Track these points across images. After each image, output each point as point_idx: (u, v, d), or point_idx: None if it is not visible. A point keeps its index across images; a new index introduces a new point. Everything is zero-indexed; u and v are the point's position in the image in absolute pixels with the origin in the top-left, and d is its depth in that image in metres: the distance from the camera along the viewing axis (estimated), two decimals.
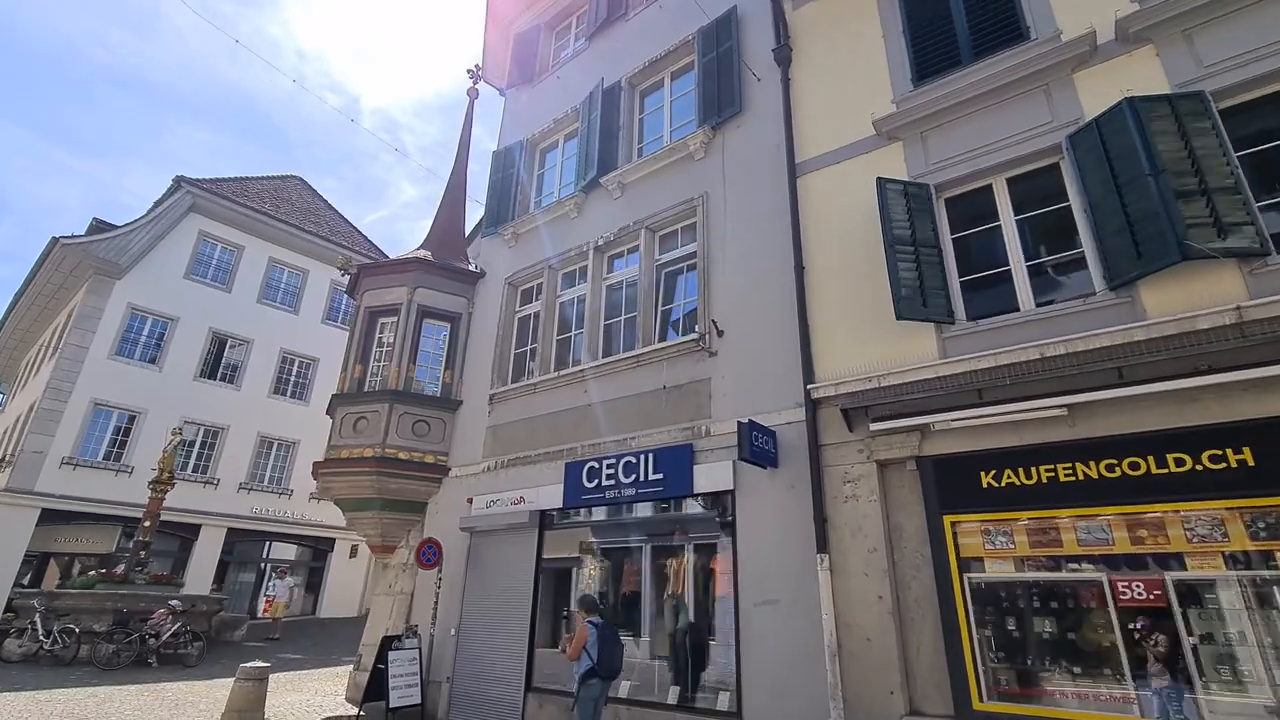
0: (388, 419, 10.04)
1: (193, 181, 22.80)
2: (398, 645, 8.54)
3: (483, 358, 10.63)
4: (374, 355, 10.92)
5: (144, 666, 12.07)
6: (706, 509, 7.33)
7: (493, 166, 12.24)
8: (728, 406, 7.30)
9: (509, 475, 9.25)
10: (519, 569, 8.53)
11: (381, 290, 11.09)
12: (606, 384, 8.63)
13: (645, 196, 9.34)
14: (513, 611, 8.36)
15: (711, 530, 7.27)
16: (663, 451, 7.55)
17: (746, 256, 7.82)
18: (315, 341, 25.46)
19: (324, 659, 13.98)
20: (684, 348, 7.91)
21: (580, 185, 10.26)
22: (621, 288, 9.40)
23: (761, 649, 6.18)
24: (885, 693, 5.39)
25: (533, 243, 10.79)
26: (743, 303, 7.64)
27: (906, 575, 5.72)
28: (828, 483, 6.24)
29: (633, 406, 8.20)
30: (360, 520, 10.24)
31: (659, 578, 7.67)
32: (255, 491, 22.58)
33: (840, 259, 6.93)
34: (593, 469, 8.11)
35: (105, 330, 20.52)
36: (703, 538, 7.37)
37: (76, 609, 12.73)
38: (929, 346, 6.06)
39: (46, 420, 18.98)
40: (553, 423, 9.04)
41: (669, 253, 8.95)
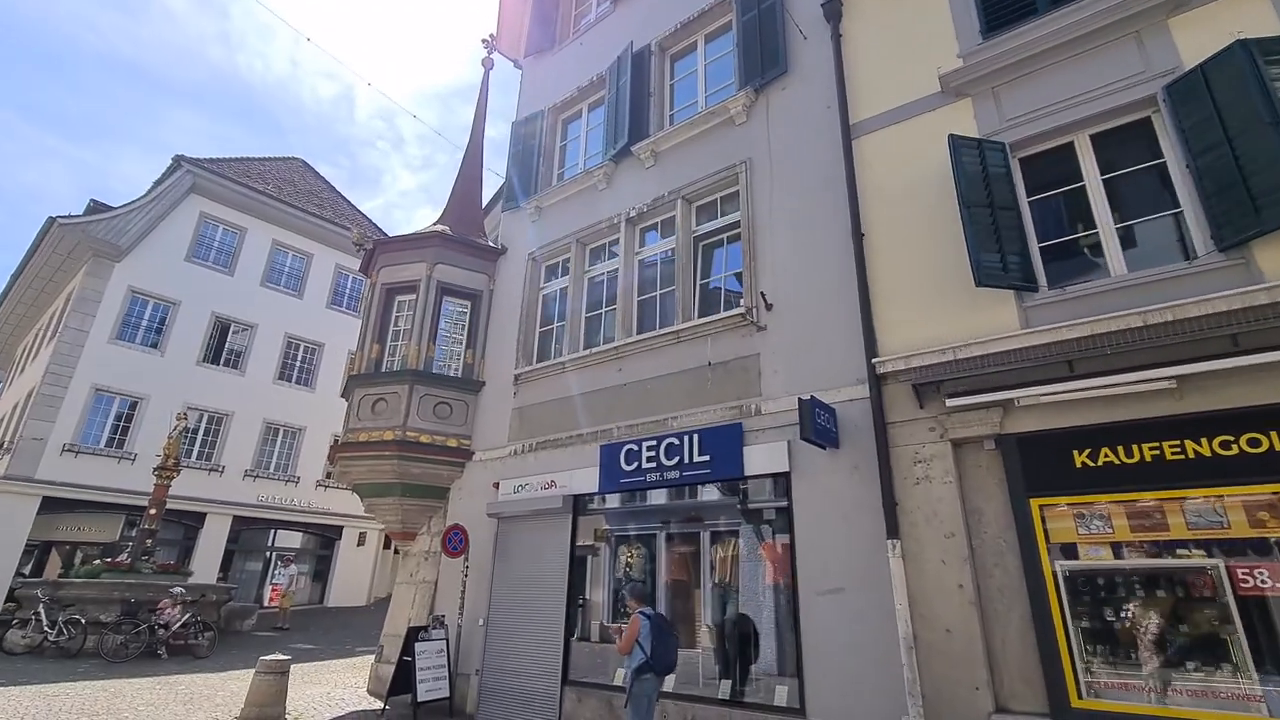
0: (408, 400, 9.58)
1: (193, 161, 22.20)
2: (424, 636, 8.15)
3: (506, 337, 10.16)
4: (391, 335, 10.44)
5: (153, 658, 11.68)
6: (758, 493, 6.89)
7: (513, 138, 11.70)
8: (779, 383, 6.85)
9: (538, 459, 8.81)
10: (551, 556, 8.10)
11: (398, 267, 10.59)
12: (642, 362, 8.17)
13: (681, 165, 8.84)
14: (545, 601, 7.95)
15: (763, 515, 6.84)
16: (709, 432, 7.11)
17: (796, 225, 7.34)
18: (320, 326, 24.97)
19: (338, 649, 13.60)
20: (728, 322, 7.44)
21: (609, 155, 9.75)
22: (656, 262, 8.91)
23: (826, 641, 5.76)
24: (969, 688, 4.98)
25: (558, 216, 10.29)
26: (793, 274, 7.17)
27: (988, 562, 5.29)
28: (896, 464, 5.80)
29: (673, 385, 7.74)
30: (380, 506, 9.81)
31: (703, 565, 7.25)
32: (261, 479, 22.16)
33: (903, 225, 6.46)
34: (631, 451, 7.67)
35: (105, 314, 20.00)
36: (753, 523, 6.93)
37: (82, 599, 12.32)
38: (1008, 316, 5.60)
39: (46, 406, 18.50)
40: (584, 403, 8.58)
41: (707, 224, 8.46)
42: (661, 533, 7.70)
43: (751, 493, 6.95)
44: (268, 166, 26.11)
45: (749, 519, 6.97)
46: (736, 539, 7.00)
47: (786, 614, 6.33)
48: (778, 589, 6.52)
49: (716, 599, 6.96)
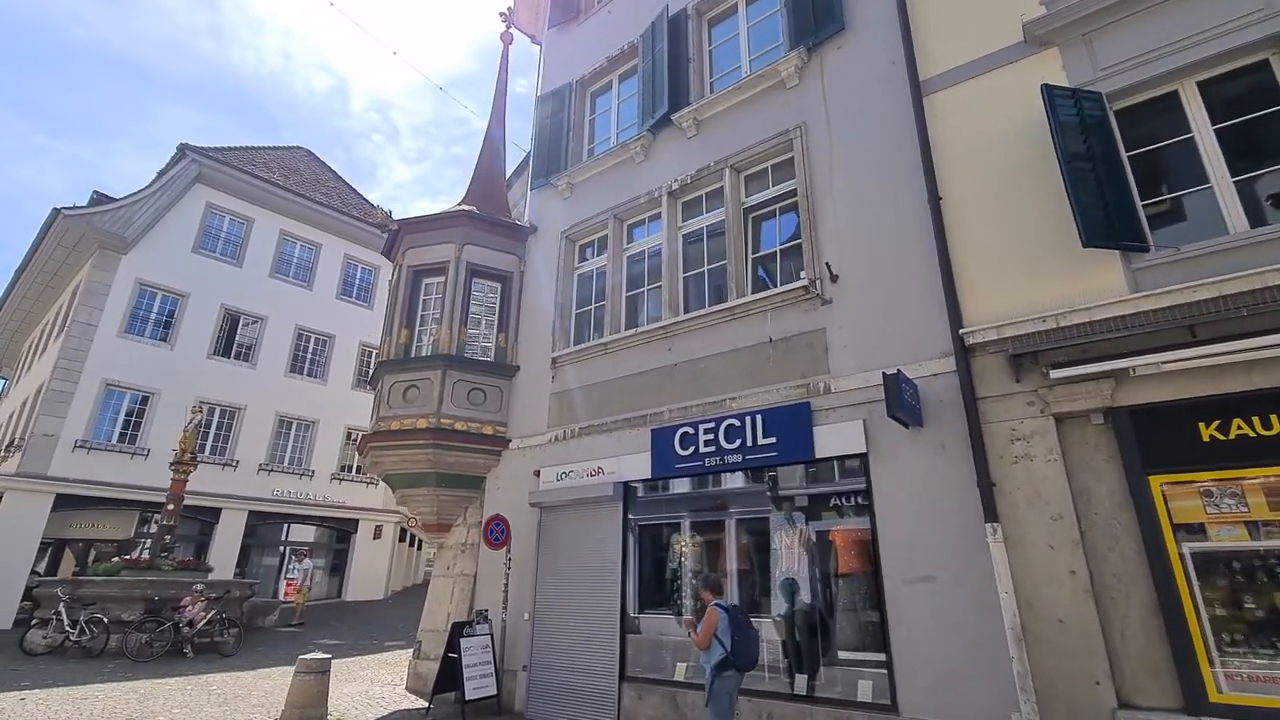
0: (441, 386, 9.16)
1: (198, 150, 21.68)
2: (469, 632, 7.77)
3: (540, 319, 9.72)
4: (420, 319, 10.00)
5: (179, 657, 11.34)
6: (829, 476, 6.48)
7: (538, 113, 11.21)
8: (849, 359, 6.42)
9: (582, 445, 8.40)
10: (602, 546, 7.71)
11: (425, 248, 10.13)
12: (693, 341, 7.74)
13: (727, 133, 8.36)
14: (597, 593, 7.56)
15: (836, 499, 6.43)
16: (773, 412, 6.69)
17: (861, 191, 6.88)
18: (330, 317, 24.53)
19: (364, 644, 13.27)
20: (789, 297, 7.00)
21: (646, 126, 9.27)
22: (702, 235, 8.45)
23: (917, 632, 5.36)
24: (1087, 683, 4.58)
25: (592, 192, 9.82)
26: (860, 243, 6.72)
27: (1100, 546, 4.87)
28: (990, 442, 5.37)
29: (728, 364, 7.31)
30: (413, 497, 9.41)
31: (767, 553, 6.84)
32: (276, 473, 21.80)
33: (986, 186, 6.00)
34: (687, 435, 7.25)
35: (113, 307, 19.56)
36: (823, 508, 6.53)
37: (103, 597, 11.96)
38: (1112, 279, 5.16)
39: (56, 402, 18.11)
40: (630, 386, 8.16)
41: (758, 194, 8.00)
42: (720, 520, 7.30)
43: (822, 476, 6.54)
44: (273, 155, 25.59)
45: (819, 504, 6.56)
46: (805, 525, 6.60)
47: (865, 604, 5.95)
48: (853, 578, 6.13)
49: (783, 588, 6.56)
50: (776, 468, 6.71)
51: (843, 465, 6.36)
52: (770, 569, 6.71)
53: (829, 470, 6.49)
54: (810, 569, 6.44)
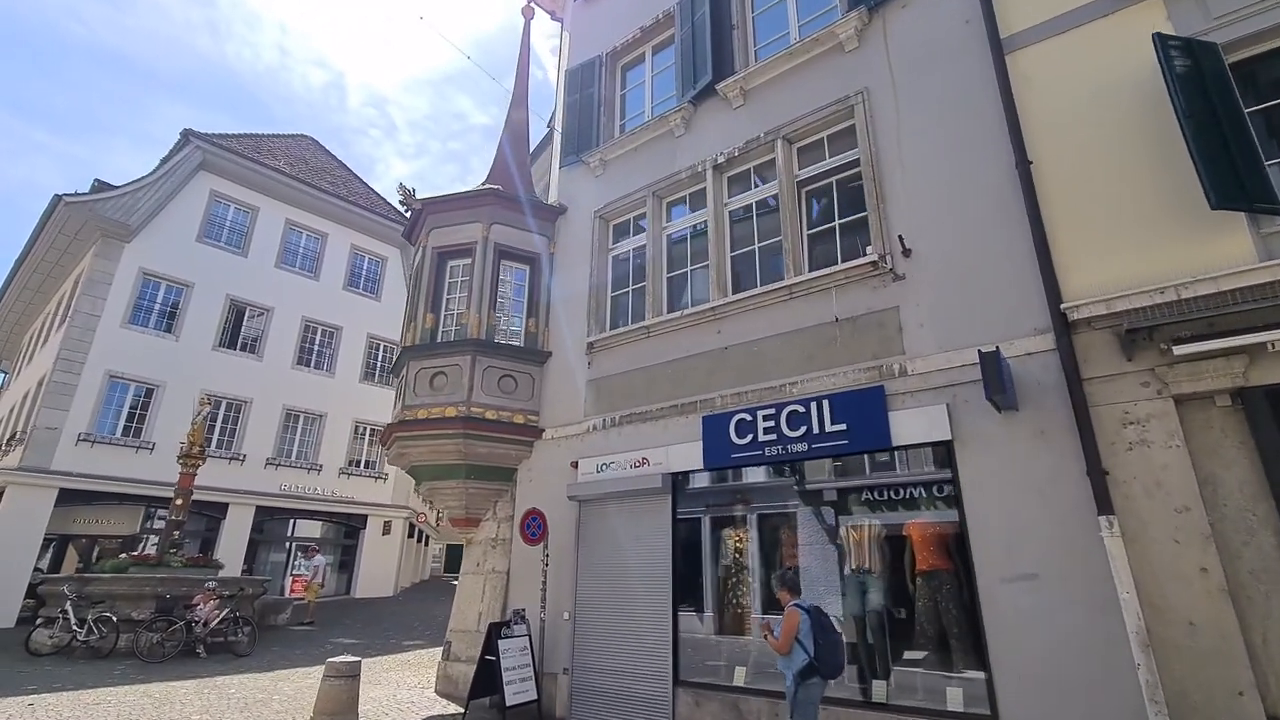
0: (471, 373, 8.66)
1: (202, 136, 21.13)
2: (507, 633, 7.29)
3: (572, 303, 9.22)
4: (444, 303, 9.50)
5: (191, 657, 10.87)
6: (906, 465, 5.99)
7: (567, 87, 10.68)
8: (928, 339, 5.92)
9: (623, 434, 7.91)
10: (650, 542, 7.23)
11: (451, 229, 9.62)
12: (746, 323, 7.24)
13: (778, 102, 7.84)
14: (645, 591, 7.08)
15: (910, 490, 5.95)
16: (842, 397, 6.19)
17: (934, 159, 6.38)
18: (338, 309, 24.01)
19: (381, 644, 12.80)
20: (855, 273, 6.50)
21: (687, 97, 8.74)
22: (751, 211, 7.95)
23: (1019, 636, 4.88)
24: (1228, 693, 4.11)
25: (627, 169, 9.30)
26: (935, 214, 6.21)
27: (1234, 542, 4.39)
28: (1100, 427, 4.88)
29: (787, 346, 6.82)
30: (441, 491, 8.92)
31: (832, 548, 6.36)
32: (283, 467, 21.31)
33: (1083, 147, 5.49)
34: (743, 422, 6.75)
35: (117, 297, 19.02)
36: (897, 499, 6.04)
37: (111, 595, 11.48)
38: (1239, 246, 4.66)
39: (59, 394, 17.59)
40: (677, 371, 7.67)
41: (813, 166, 7.48)
42: (779, 512, 6.82)
43: (895, 464, 6.06)
44: (277, 143, 25.00)
45: (892, 495, 6.07)
46: (875, 518, 6.11)
47: (949, 603, 5.47)
48: (934, 575, 5.65)
49: (854, 587, 6.08)
50: (846, 457, 6.22)
51: (921, 454, 5.87)
52: (836, 565, 6.23)
53: (903, 459, 6.00)
54: (882, 565, 5.96)
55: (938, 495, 5.74)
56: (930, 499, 5.82)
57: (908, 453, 5.96)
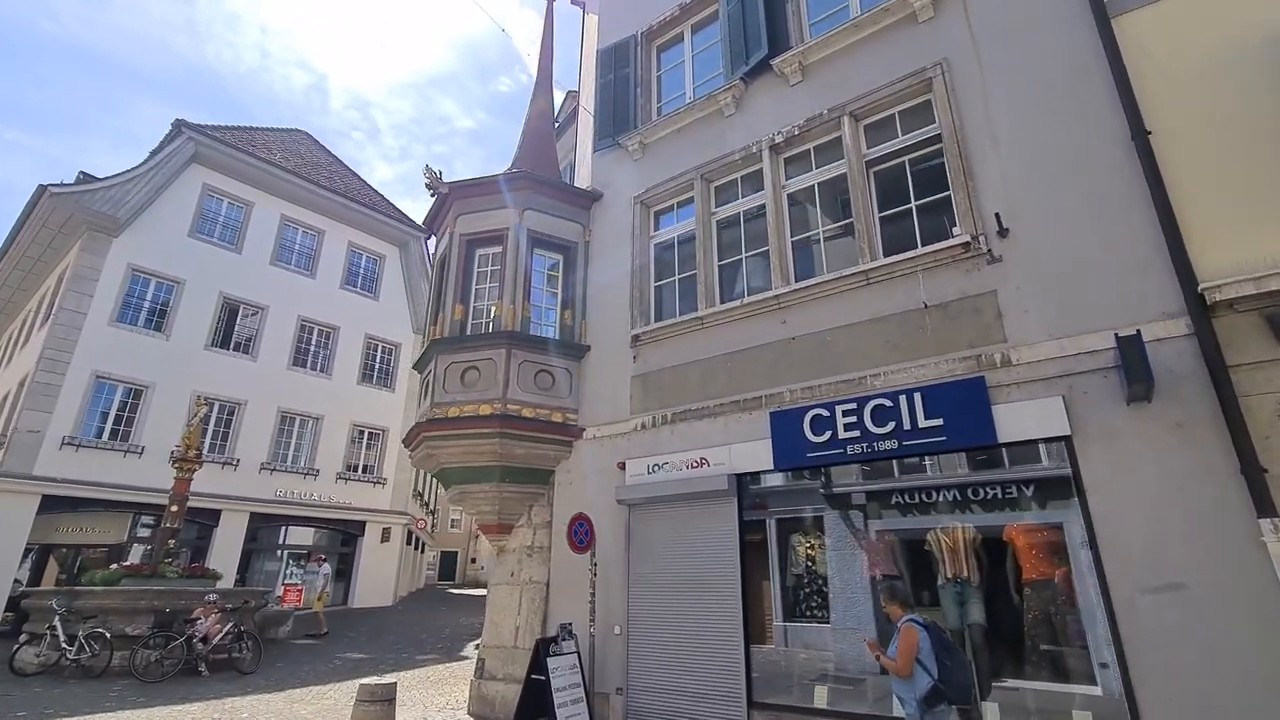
0: (506, 368, 8.04)
1: (194, 127, 20.31)
2: (555, 650, 6.66)
3: (612, 293, 8.64)
4: (473, 293, 8.87)
5: (192, 676, 10.08)
6: (1016, 462, 5.47)
7: (601, 68, 10.11)
8: (1034, 325, 5.42)
9: (677, 433, 7.33)
10: (713, 549, 6.64)
11: (480, 214, 9.00)
12: (815, 312, 6.71)
13: (842, 77, 7.34)
14: (710, 603, 6.49)
15: (1016, 490, 5.44)
16: (936, 390, 5.67)
17: (1030, 132, 5.89)
18: (334, 308, 23.20)
19: (393, 659, 12.08)
20: (943, 256, 6.00)
21: (738, 74, 8.22)
22: (812, 193, 7.43)
23: (1164, 654, 4.36)
24: None
25: (670, 152, 8.75)
26: (1034, 191, 5.73)
27: None
28: (1251, 419, 4.39)
29: (865, 336, 6.29)
30: (473, 495, 8.28)
31: (920, 555, 5.83)
32: (279, 472, 20.46)
33: (1210, 113, 5.04)
34: (820, 418, 6.21)
35: (104, 294, 18.12)
36: (1005, 501, 5.52)
37: (104, 609, 10.65)
38: None
39: (42, 395, 16.67)
40: (736, 364, 7.11)
41: (885, 144, 6.97)
42: (857, 515, 6.27)
43: (995, 462, 5.54)
44: (272, 137, 24.18)
45: (992, 496, 5.55)
46: (973, 522, 5.58)
47: (1065, 616, 4.96)
48: (1045, 585, 5.14)
49: (950, 599, 5.54)
50: (942, 454, 5.69)
51: (1026, 451, 5.36)
52: (926, 574, 5.70)
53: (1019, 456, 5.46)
54: (980, 575, 5.44)
55: (1049, 496, 5.23)
56: (1038, 500, 5.31)
57: (1009, 450, 5.44)
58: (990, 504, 5.57)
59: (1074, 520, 4.99)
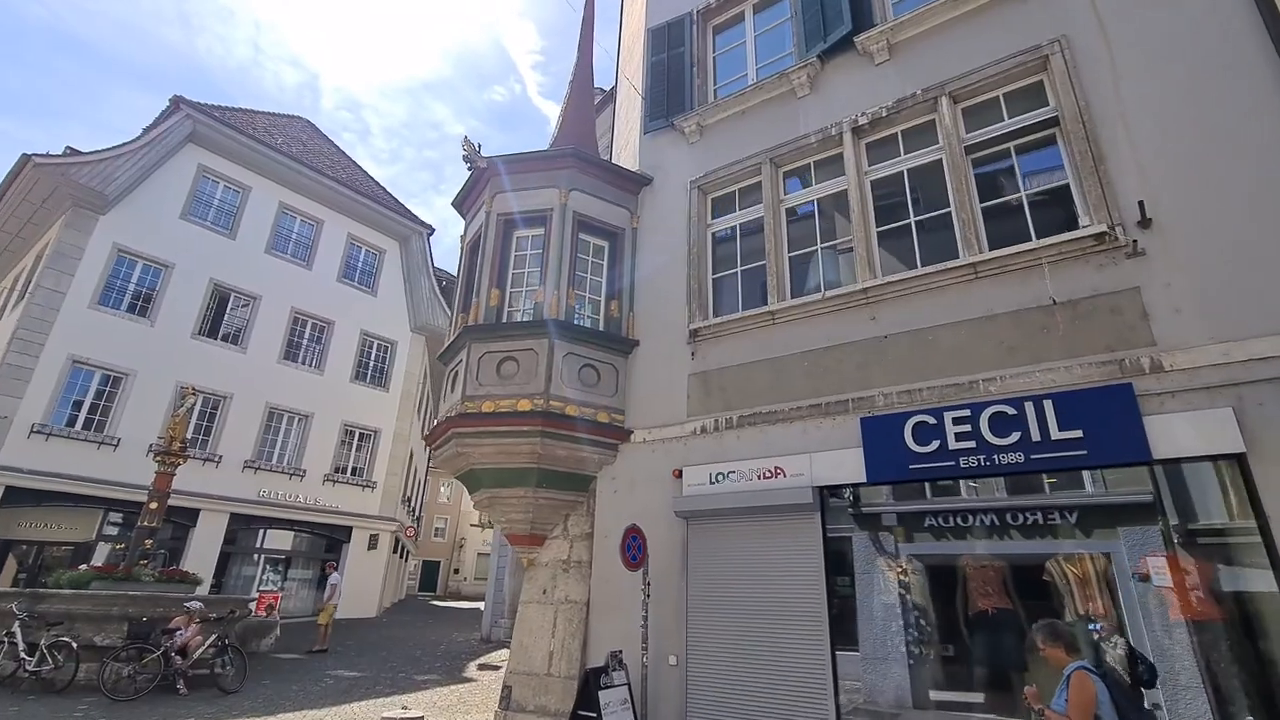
0: (549, 360, 7.23)
1: (193, 104, 19.34)
2: (606, 681, 5.81)
3: (664, 284, 7.89)
4: (510, 279, 8.07)
5: (169, 693, 9.01)
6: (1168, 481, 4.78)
7: (652, 47, 9.43)
8: (1190, 326, 4.75)
9: (745, 438, 6.55)
10: (791, 571, 5.84)
11: (521, 193, 8.22)
12: (910, 307, 6.01)
13: (937, 55, 6.72)
14: (788, 631, 5.67)
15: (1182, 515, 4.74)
16: (1072, 397, 4.96)
17: (1172, 111, 5.27)
18: (330, 302, 22.21)
19: (390, 678, 11.03)
20: (1072, 248, 5.33)
21: (813, 52, 7.57)
22: (901, 181, 6.75)
23: None
24: None
25: (733, 135, 8.06)
26: (1181, 175, 5.09)
27: None
28: None
29: (976, 335, 5.59)
30: (504, 501, 7.41)
31: (1039, 587, 5.11)
32: (263, 471, 19.31)
33: None
34: (925, 426, 5.47)
35: (86, 274, 17.02)
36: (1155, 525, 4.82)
37: (71, 615, 9.55)
38: None
39: (12, 379, 15.50)
40: (815, 364, 6.37)
41: (988, 129, 6.33)
42: (960, 538, 5.54)
43: (1129, 480, 4.85)
44: (272, 121, 23.26)
45: (1138, 519, 4.85)
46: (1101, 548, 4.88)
47: (1237, 663, 4.23)
48: (1209, 628, 4.42)
49: (1081, 639, 4.79)
50: (1081, 471, 4.98)
51: (1200, 469, 4.67)
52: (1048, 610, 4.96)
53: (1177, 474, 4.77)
54: (1128, 613, 4.72)
55: (1215, 524, 4.53)
56: (1193, 526, 4.62)
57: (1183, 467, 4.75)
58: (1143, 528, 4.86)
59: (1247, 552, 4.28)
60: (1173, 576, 4.69)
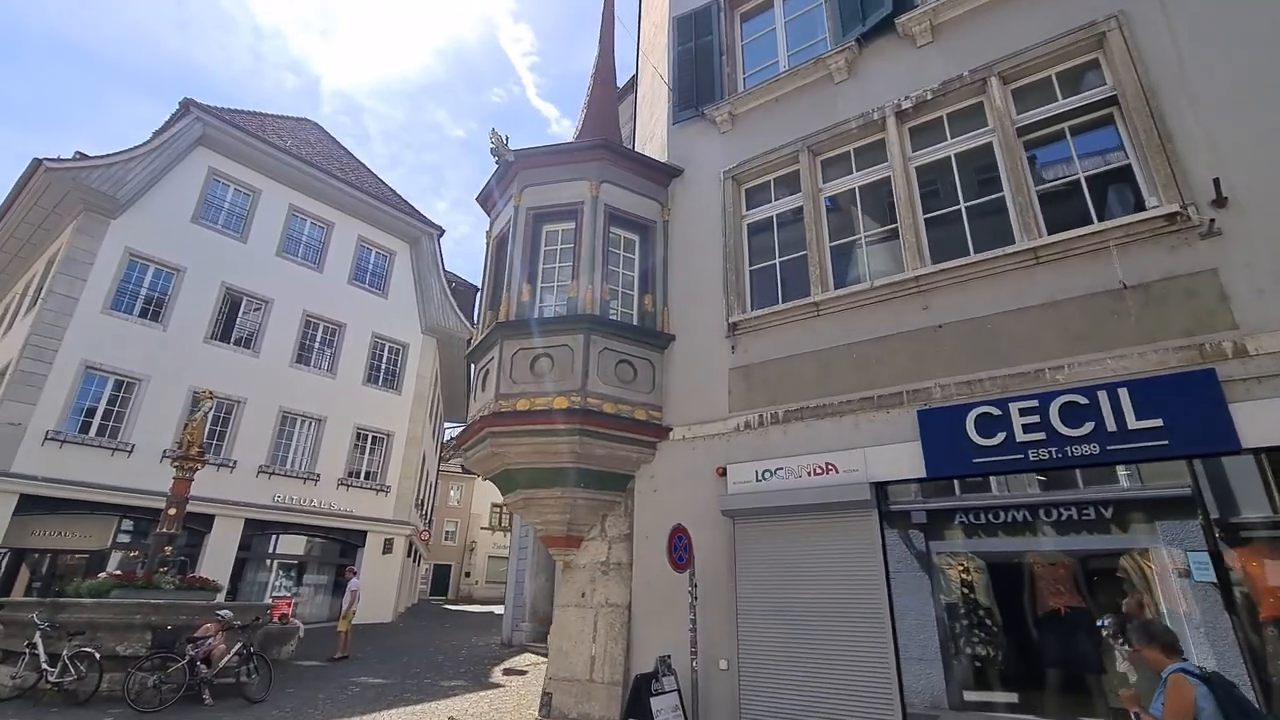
0: (585, 356, 7.03)
1: (204, 107, 19.22)
2: (657, 687, 5.60)
3: (699, 277, 7.69)
4: (540, 274, 7.87)
5: (194, 703, 8.82)
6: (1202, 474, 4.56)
7: (678, 35, 9.23)
8: (1274, 308, 4.52)
9: (791, 434, 6.34)
10: (849, 571, 5.62)
11: (550, 186, 8.03)
12: (966, 295, 5.80)
13: (985, 35, 6.50)
14: (848, 634, 5.46)
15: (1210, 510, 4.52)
16: (1149, 384, 4.74)
17: (1245, 84, 5.06)
18: (341, 305, 22.05)
19: (415, 684, 10.82)
20: (1139, 230, 5.11)
21: (851, 35, 7.37)
22: (949, 166, 6.53)
23: None
24: None
25: (766, 123, 7.86)
26: (1261, 151, 4.87)
27: None
28: None
29: (1040, 322, 5.37)
30: (539, 502, 7.20)
31: (1109, 586, 4.88)
32: (277, 476, 19.15)
33: None
34: (989, 418, 5.25)
35: (98, 279, 16.89)
36: (1223, 520, 4.59)
37: (93, 624, 9.36)
38: None
39: (25, 385, 15.35)
40: (864, 356, 6.16)
41: (1040, 109, 6.11)
42: (1022, 534, 5.31)
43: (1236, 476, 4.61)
44: (282, 124, 23.15)
45: (1177, 513, 4.63)
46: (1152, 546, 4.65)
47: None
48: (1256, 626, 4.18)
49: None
50: (1160, 462, 4.74)
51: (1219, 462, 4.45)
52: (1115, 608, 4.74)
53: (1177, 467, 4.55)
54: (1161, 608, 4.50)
55: (1255, 517, 4.31)
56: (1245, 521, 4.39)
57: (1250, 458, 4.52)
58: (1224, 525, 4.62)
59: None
60: (1216, 572, 4.50)
